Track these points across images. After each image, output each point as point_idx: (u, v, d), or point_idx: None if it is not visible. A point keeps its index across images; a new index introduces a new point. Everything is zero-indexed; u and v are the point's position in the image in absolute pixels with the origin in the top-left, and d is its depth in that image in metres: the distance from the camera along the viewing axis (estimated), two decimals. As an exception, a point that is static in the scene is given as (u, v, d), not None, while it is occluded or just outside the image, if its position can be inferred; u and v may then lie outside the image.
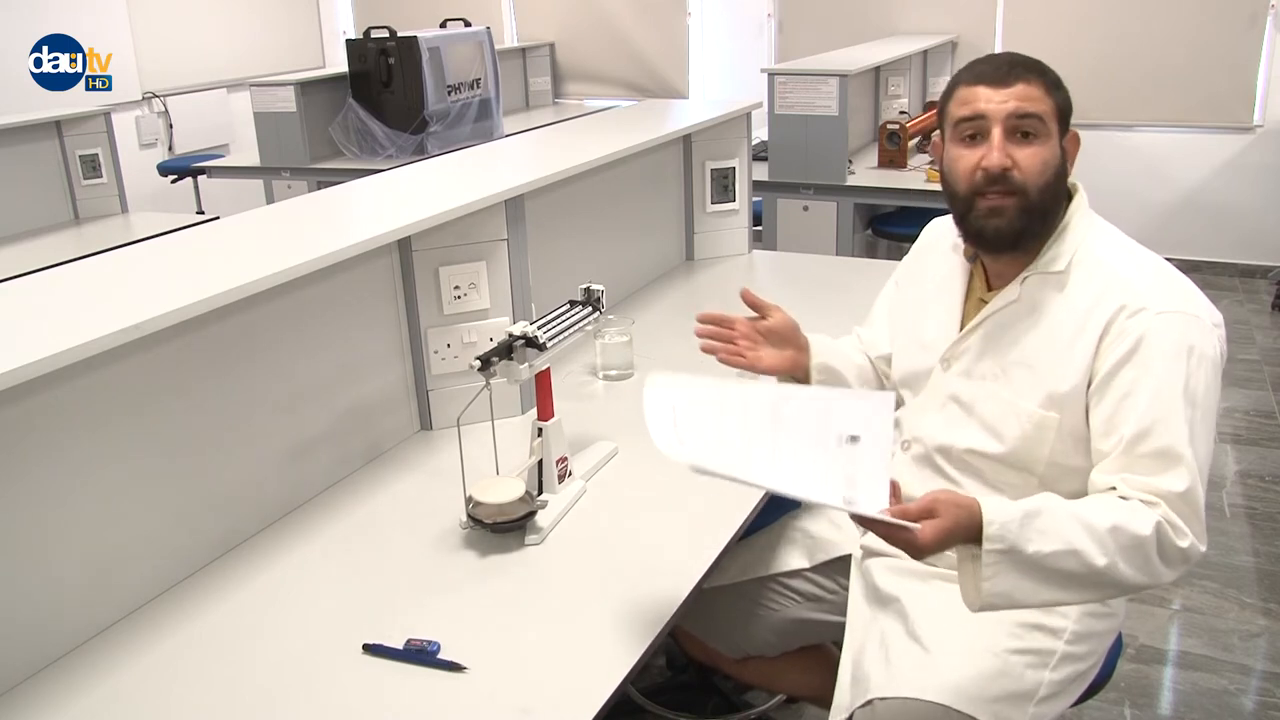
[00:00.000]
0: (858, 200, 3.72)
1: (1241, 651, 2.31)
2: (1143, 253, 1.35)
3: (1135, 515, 1.18)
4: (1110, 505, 1.20)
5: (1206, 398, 1.24)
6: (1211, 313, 1.29)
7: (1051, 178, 1.30)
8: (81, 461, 1.23)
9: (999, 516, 1.14)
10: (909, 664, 1.32)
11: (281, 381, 1.51)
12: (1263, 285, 4.85)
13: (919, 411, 1.46)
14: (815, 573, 1.59)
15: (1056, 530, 1.15)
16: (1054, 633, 1.34)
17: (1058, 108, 1.31)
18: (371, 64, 4.27)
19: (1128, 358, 1.24)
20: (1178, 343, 1.23)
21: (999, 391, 1.35)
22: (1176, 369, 1.23)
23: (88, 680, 1.17)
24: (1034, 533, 1.14)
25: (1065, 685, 1.36)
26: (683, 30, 5.98)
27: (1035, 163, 1.29)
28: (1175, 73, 4.89)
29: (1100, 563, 1.14)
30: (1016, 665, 1.32)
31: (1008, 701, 1.30)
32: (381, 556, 1.41)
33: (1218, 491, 3.01)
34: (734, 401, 1.25)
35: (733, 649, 1.68)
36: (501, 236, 1.77)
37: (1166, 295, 1.27)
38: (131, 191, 3.68)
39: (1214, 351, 1.26)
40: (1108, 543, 1.15)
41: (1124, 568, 1.16)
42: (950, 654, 1.31)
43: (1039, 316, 1.33)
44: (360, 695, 1.13)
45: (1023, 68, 1.31)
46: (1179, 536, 1.19)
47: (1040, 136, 1.29)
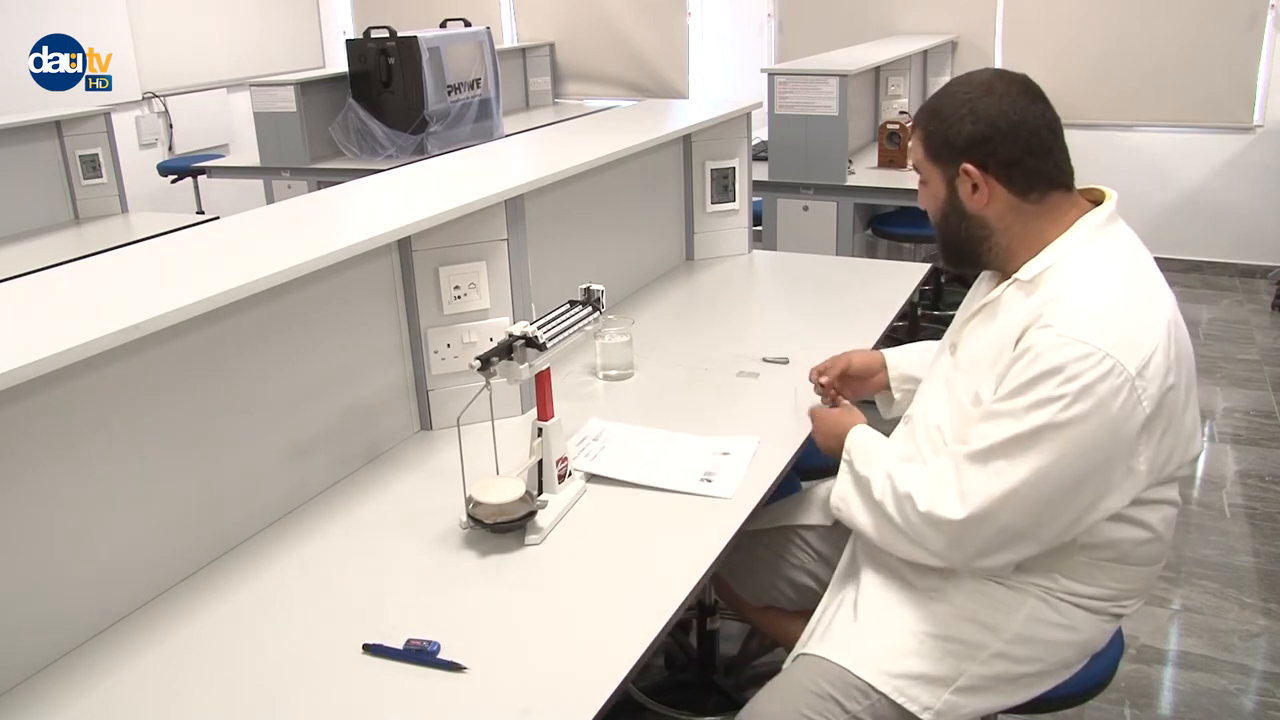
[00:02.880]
0: (858, 200, 3.72)
1: (1241, 651, 2.31)
2: (1115, 281, 1.31)
3: (910, 474, 1.37)
4: (911, 465, 1.40)
5: (1071, 428, 1.21)
6: (1147, 365, 1.22)
7: (939, 217, 1.43)
8: (81, 461, 1.23)
9: (859, 439, 1.48)
10: (838, 629, 1.42)
11: (281, 381, 1.51)
12: (1263, 285, 4.85)
13: (924, 388, 1.55)
14: (832, 532, 1.68)
15: (871, 460, 1.43)
16: (990, 628, 1.37)
17: (927, 151, 1.40)
18: (371, 64, 4.27)
19: (1014, 361, 1.27)
20: (1056, 364, 1.22)
21: (960, 381, 1.41)
22: (1039, 385, 1.23)
23: (88, 680, 1.17)
24: (863, 456, 1.45)
25: (996, 683, 1.37)
26: (683, 30, 5.98)
27: (925, 206, 1.45)
28: (1175, 73, 4.89)
29: (876, 496, 1.38)
30: (935, 649, 1.36)
31: (916, 681, 1.35)
32: (381, 556, 1.41)
33: (1218, 491, 3.02)
34: (643, 438, 1.67)
35: (755, 596, 1.80)
36: (501, 236, 1.77)
37: (1084, 324, 1.23)
38: (131, 191, 3.67)
39: (1111, 397, 1.21)
40: (884, 485, 1.38)
41: (891, 509, 1.36)
42: (873, 625, 1.40)
43: (999, 320, 1.37)
44: (360, 695, 1.13)
45: (918, 116, 1.43)
46: (922, 499, 1.33)
47: (926, 183, 1.43)
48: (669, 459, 1.60)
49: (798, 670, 1.40)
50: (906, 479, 1.36)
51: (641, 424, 1.73)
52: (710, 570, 1.34)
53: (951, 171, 1.37)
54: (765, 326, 2.20)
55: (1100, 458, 1.25)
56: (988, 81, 1.37)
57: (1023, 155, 1.34)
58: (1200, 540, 2.75)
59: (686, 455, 1.61)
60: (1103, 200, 1.38)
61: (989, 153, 1.34)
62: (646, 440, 1.67)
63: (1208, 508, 2.93)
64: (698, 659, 2.13)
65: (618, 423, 1.74)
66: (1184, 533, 2.78)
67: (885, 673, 1.35)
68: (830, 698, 1.34)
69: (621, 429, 1.71)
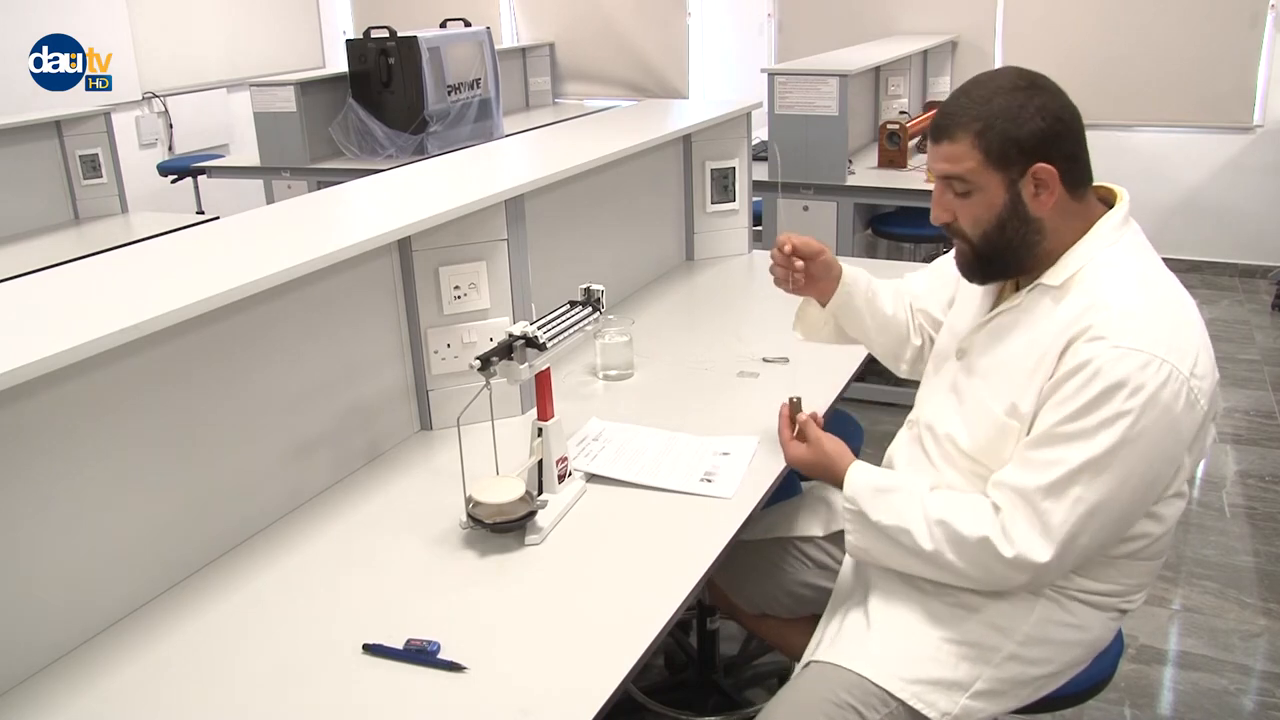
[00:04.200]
0: (858, 200, 3.72)
1: (1241, 651, 2.31)
2: (1149, 283, 1.30)
3: (969, 517, 1.29)
4: (956, 502, 1.33)
5: (1140, 439, 1.21)
6: (1196, 364, 1.23)
7: (992, 226, 1.31)
8: (81, 461, 1.23)
9: (857, 481, 1.39)
10: (850, 636, 1.39)
11: (281, 381, 1.51)
12: (1263, 285, 4.85)
13: (928, 394, 1.50)
14: (828, 541, 1.67)
15: (900, 509, 1.34)
16: (1002, 630, 1.36)
17: (987, 157, 1.27)
18: (371, 64, 4.27)
19: (1068, 376, 1.24)
20: (1120, 378, 1.20)
21: (981, 390, 1.37)
22: (1107, 402, 1.21)
23: (88, 680, 1.17)
24: (880, 505, 1.36)
25: (1010, 686, 1.37)
26: (683, 30, 5.98)
27: (967, 219, 1.32)
28: (1175, 73, 4.89)
29: (927, 547, 1.31)
30: (951, 654, 1.35)
31: (934, 687, 1.33)
32: (381, 556, 1.41)
33: (1218, 492, 3.02)
34: (643, 438, 1.67)
35: (751, 604, 1.77)
36: (501, 236, 1.77)
37: (1135, 332, 1.22)
38: (131, 191, 3.67)
39: (1171, 399, 1.21)
40: (935, 532, 1.31)
41: (951, 557, 1.30)
42: (887, 632, 1.37)
43: (1027, 326, 1.34)
44: (360, 695, 1.13)
45: (953, 122, 1.29)
46: (1005, 545, 1.26)
47: (972, 193, 1.30)
48: (669, 459, 1.60)
49: (811, 679, 1.37)
50: (968, 522, 1.28)
51: (641, 424, 1.73)
52: (710, 570, 1.34)
53: (1015, 175, 1.28)
54: (765, 326, 2.20)
55: (1165, 462, 1.26)
56: (1025, 75, 1.29)
57: (1078, 149, 1.30)
58: (1200, 540, 2.75)
59: (686, 455, 1.61)
60: (1111, 199, 1.36)
61: (1056, 149, 1.27)
62: (646, 440, 1.67)
63: (1208, 508, 2.93)
64: (698, 659, 2.13)
65: (618, 423, 1.74)
66: (1184, 533, 2.78)
67: (902, 679, 1.32)
68: (849, 706, 1.31)
69: (621, 429, 1.71)
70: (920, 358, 1.64)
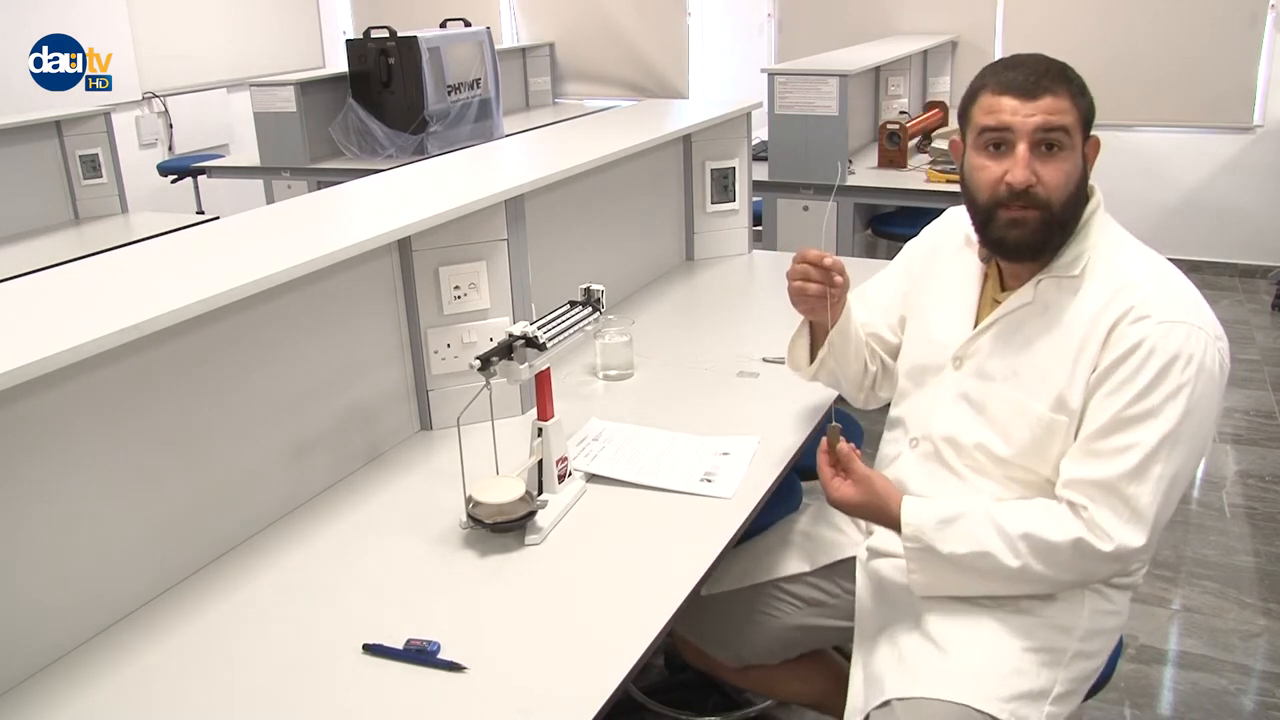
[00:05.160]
0: (858, 200, 3.72)
1: (1241, 651, 2.31)
2: (1154, 258, 1.35)
3: (1052, 523, 1.27)
4: (1029, 511, 1.29)
5: (1198, 407, 1.24)
6: (1215, 325, 1.28)
7: (1074, 189, 1.30)
8: (80, 461, 1.23)
9: (915, 518, 1.32)
10: (925, 663, 1.33)
11: (281, 381, 1.51)
12: (1263, 285, 4.85)
13: (928, 409, 1.45)
14: (817, 576, 1.59)
15: (970, 534, 1.29)
16: (1066, 630, 1.34)
17: (1082, 117, 1.29)
18: (371, 64, 4.27)
19: (1122, 360, 1.25)
20: (1174, 352, 1.23)
21: (1010, 393, 1.35)
22: (1167, 377, 1.23)
23: (88, 680, 1.17)
24: (950, 535, 1.30)
25: (1078, 683, 1.36)
26: (683, 30, 5.98)
27: (1059, 177, 1.28)
28: (1175, 73, 4.89)
29: (1013, 564, 1.27)
30: (1032, 663, 1.32)
31: (1024, 700, 1.29)
32: (381, 556, 1.41)
33: (1218, 492, 3.02)
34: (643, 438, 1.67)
35: (733, 657, 1.68)
36: (501, 236, 1.77)
37: (1172, 304, 1.27)
38: (131, 191, 3.67)
39: (1213, 363, 1.25)
40: (1019, 547, 1.27)
41: (1041, 568, 1.27)
42: (966, 653, 1.32)
43: (1051, 319, 1.33)
44: (360, 695, 1.13)
45: (1051, 78, 1.28)
46: (1101, 540, 1.24)
47: (1065, 149, 1.28)
48: (669, 459, 1.60)
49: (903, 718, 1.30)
50: (1051, 529, 1.26)
51: (641, 424, 1.73)
52: (710, 570, 1.34)
53: (1083, 143, 1.31)
54: (765, 326, 2.20)
55: (1212, 423, 1.29)
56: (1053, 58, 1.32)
57: None
58: (1200, 540, 2.75)
59: (686, 455, 1.61)
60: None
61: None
62: (646, 440, 1.67)
63: (1208, 508, 2.93)
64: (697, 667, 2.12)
65: (618, 423, 1.74)
66: (1184, 533, 2.78)
67: (999, 698, 1.28)
68: None
69: (621, 429, 1.71)
70: (876, 384, 1.62)
